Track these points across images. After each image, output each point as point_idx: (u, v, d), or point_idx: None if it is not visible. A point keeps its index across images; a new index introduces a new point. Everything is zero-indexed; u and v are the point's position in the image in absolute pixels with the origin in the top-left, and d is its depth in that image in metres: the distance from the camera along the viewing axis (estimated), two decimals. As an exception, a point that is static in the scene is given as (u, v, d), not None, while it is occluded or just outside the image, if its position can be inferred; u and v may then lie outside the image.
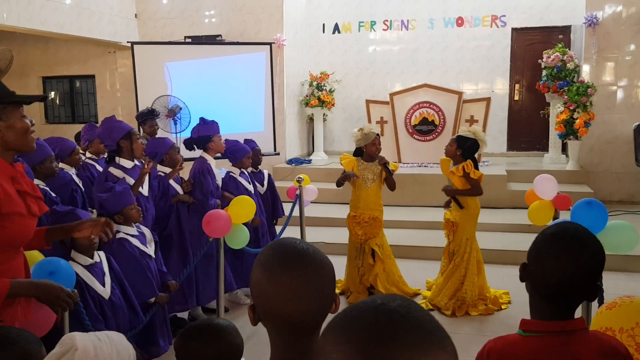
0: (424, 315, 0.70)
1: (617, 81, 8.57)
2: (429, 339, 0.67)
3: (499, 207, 7.72)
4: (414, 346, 0.66)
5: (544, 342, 1.47)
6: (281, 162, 9.57)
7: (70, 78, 11.23)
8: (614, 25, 8.43)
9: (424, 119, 8.90)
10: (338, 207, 8.16)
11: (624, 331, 1.65)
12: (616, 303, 1.73)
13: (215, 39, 9.37)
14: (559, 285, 1.46)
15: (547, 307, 1.50)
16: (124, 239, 3.68)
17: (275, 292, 1.13)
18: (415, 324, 0.68)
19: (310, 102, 9.96)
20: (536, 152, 10.04)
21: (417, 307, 0.72)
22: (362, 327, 0.68)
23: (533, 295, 1.54)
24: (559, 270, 1.45)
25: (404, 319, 0.68)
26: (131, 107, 8.68)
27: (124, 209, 3.69)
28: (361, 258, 5.18)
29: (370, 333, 0.67)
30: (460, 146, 4.85)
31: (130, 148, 4.07)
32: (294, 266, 1.14)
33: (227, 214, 3.89)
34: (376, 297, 0.73)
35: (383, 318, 0.68)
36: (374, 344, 0.66)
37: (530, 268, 1.53)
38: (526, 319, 1.53)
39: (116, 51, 10.34)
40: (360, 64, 11.03)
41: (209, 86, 8.42)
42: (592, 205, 3.22)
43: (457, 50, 10.53)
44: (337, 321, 0.71)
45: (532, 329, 1.50)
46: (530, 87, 9.93)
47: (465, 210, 4.87)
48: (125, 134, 4.04)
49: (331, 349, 0.69)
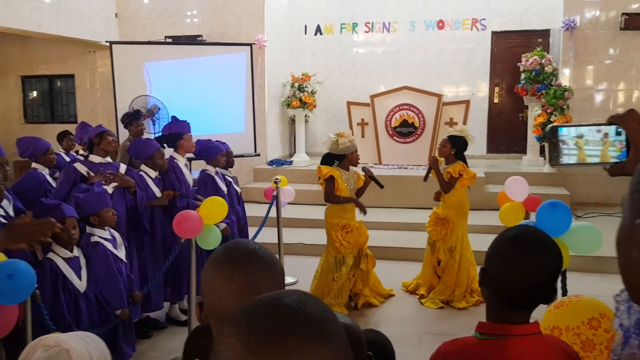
0: (317, 311, 0.70)
1: (594, 85, 8.67)
2: (315, 333, 0.67)
3: (477, 209, 7.75)
4: (298, 340, 0.66)
5: (500, 345, 1.45)
6: (262, 163, 9.56)
7: (49, 77, 11.14)
8: (591, 30, 8.54)
9: (404, 121, 8.95)
10: (318, 209, 8.15)
11: (570, 329, 1.68)
12: (564, 302, 1.75)
13: (196, 39, 9.35)
14: (522, 290, 1.45)
15: (505, 311, 1.49)
16: (98, 242, 3.65)
17: (222, 289, 1.14)
18: (305, 318, 0.68)
19: (292, 104, 9.97)
20: (515, 154, 10.12)
21: (314, 302, 0.72)
22: (250, 320, 0.68)
23: (492, 299, 1.53)
24: (523, 275, 1.44)
25: (295, 313, 0.68)
26: (111, 107, 8.63)
27: (100, 210, 3.67)
28: (354, 267, 5.00)
29: (256, 326, 0.67)
30: (454, 145, 5.09)
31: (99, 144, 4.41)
32: (242, 264, 1.15)
33: (199, 215, 3.88)
34: (275, 292, 0.73)
35: (273, 312, 0.68)
36: (257, 338, 0.66)
37: (492, 272, 1.50)
38: (483, 322, 1.51)
39: (96, 51, 10.27)
40: (342, 65, 11.05)
41: (189, 86, 8.39)
42: (556, 207, 3.26)
43: (438, 52, 10.59)
44: (234, 315, 0.72)
45: (488, 331, 1.48)
46: (510, 90, 10.00)
47: (458, 209, 5.12)
48: (98, 132, 4.33)
49: (220, 340, 0.69)
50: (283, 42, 10.55)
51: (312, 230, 7.40)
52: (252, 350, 0.66)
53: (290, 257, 6.31)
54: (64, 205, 3.38)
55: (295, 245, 6.78)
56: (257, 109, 9.05)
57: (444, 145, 5.09)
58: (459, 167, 5.04)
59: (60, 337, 1.49)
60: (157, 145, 4.72)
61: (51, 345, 1.46)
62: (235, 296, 1.12)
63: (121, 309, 3.62)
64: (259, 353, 0.65)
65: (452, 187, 5.04)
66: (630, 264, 0.75)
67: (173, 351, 4.25)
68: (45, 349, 1.45)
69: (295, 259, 6.45)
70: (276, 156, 10.14)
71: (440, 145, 5.14)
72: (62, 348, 1.44)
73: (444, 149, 5.09)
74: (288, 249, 6.28)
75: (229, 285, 1.13)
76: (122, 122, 6.21)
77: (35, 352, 1.46)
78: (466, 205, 5.18)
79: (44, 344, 1.47)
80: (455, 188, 5.08)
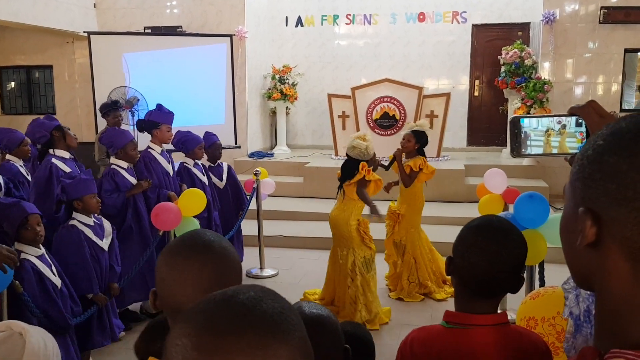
0: (274, 308, 0.67)
1: (574, 78, 8.75)
2: (270, 332, 0.64)
3: (457, 201, 7.82)
4: (253, 340, 0.63)
5: (464, 334, 1.47)
6: (243, 155, 9.52)
7: (27, 68, 10.95)
8: (571, 23, 8.60)
9: (385, 114, 8.95)
10: (299, 201, 8.18)
11: (546, 320, 1.68)
12: (540, 293, 1.76)
13: (176, 30, 9.24)
14: (484, 277, 1.47)
15: (471, 300, 1.51)
16: (74, 225, 3.64)
17: (170, 279, 1.12)
18: (260, 316, 0.65)
19: (273, 96, 9.92)
20: (495, 147, 10.19)
21: (271, 298, 0.69)
22: (202, 319, 0.65)
23: (458, 288, 1.55)
24: (484, 262, 1.46)
25: (249, 311, 0.65)
26: (90, 98, 8.51)
27: (84, 195, 3.66)
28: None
29: (208, 326, 0.64)
30: (418, 141, 5.11)
31: (64, 139, 4.32)
32: (192, 255, 1.12)
33: (177, 207, 3.84)
34: (230, 289, 0.70)
35: (226, 311, 0.65)
36: (209, 338, 0.63)
37: (457, 261, 1.53)
38: (450, 311, 1.53)
39: (74, 41, 10.12)
40: (323, 57, 11.01)
41: (168, 78, 8.31)
42: (534, 199, 3.28)
43: (419, 45, 10.59)
44: (185, 313, 0.68)
45: (454, 320, 1.50)
46: (490, 83, 10.06)
47: (412, 204, 5.14)
48: (55, 126, 4.25)
49: (172, 342, 0.65)
50: (264, 34, 10.48)
51: (292, 222, 7.40)
52: (204, 352, 0.63)
53: (271, 250, 6.29)
54: (23, 203, 3.32)
55: (276, 237, 6.76)
56: (238, 101, 8.99)
57: (409, 140, 5.12)
58: (420, 161, 5.06)
59: (12, 322, 1.45)
60: (130, 136, 4.69)
61: (1, 330, 1.42)
62: (182, 287, 1.10)
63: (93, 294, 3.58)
64: (210, 354, 0.62)
65: (412, 181, 5.08)
66: (575, 252, 0.76)
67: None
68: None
69: (276, 251, 6.44)
70: (257, 148, 10.09)
71: (405, 141, 5.14)
72: (14, 331, 1.41)
73: (409, 144, 5.12)
74: (268, 241, 6.27)
75: (176, 275, 1.11)
76: (100, 112, 6.19)
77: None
78: (421, 200, 5.21)
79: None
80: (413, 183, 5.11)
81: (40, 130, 4.32)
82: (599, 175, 0.70)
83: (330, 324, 1.43)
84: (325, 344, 1.42)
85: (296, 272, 5.89)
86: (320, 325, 1.41)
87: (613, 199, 0.69)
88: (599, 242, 0.71)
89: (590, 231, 0.71)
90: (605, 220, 0.70)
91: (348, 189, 4.55)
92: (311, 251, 6.55)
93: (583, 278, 0.79)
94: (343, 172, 4.64)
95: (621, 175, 0.68)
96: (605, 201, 0.70)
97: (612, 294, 0.72)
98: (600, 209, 0.70)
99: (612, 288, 0.72)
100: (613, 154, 0.69)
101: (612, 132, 0.71)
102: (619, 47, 8.58)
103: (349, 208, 4.62)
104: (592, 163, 0.72)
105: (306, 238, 6.82)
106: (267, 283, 5.60)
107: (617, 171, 0.68)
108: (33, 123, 4.45)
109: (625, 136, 0.70)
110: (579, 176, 0.74)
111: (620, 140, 0.70)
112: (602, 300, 0.74)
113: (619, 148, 0.69)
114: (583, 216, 0.71)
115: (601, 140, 0.72)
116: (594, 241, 0.71)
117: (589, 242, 0.71)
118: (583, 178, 0.73)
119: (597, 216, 0.70)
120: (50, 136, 4.30)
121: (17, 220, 3.18)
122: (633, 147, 0.68)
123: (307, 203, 8.08)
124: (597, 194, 0.70)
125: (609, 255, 0.71)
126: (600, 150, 0.71)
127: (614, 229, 0.69)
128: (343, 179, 4.61)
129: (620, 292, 0.71)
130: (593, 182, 0.71)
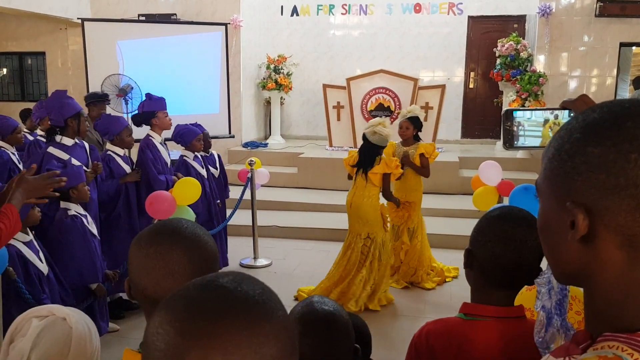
0: (255, 288, 0.67)
1: (568, 71, 8.76)
2: (254, 312, 0.64)
3: (451, 193, 7.84)
4: (237, 320, 0.63)
5: (483, 326, 1.45)
6: (237, 145, 9.48)
7: (19, 54, 10.85)
8: (567, 16, 8.60)
9: (380, 105, 8.94)
10: (292, 191, 8.17)
11: (541, 311, 1.68)
12: (536, 284, 1.76)
13: (170, 17, 9.17)
14: (509, 267, 1.43)
15: (490, 292, 1.47)
16: (76, 217, 3.62)
17: (139, 265, 1.11)
18: (242, 297, 0.65)
19: (268, 85, 9.88)
20: (489, 139, 10.20)
21: (250, 280, 0.69)
22: (184, 305, 0.64)
23: (477, 280, 1.51)
24: (510, 251, 1.42)
25: (231, 293, 0.65)
26: (83, 85, 8.44)
27: (79, 184, 3.64)
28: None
29: (191, 311, 0.64)
30: (415, 127, 5.16)
31: (77, 129, 4.07)
32: (160, 242, 1.10)
33: (171, 196, 3.83)
34: (209, 275, 0.70)
35: (207, 295, 0.65)
36: (194, 322, 0.62)
37: (477, 252, 1.48)
38: (468, 303, 1.50)
39: (67, 28, 10.02)
40: (318, 47, 10.97)
41: (162, 66, 8.24)
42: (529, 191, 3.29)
43: (415, 36, 10.57)
44: (164, 301, 0.68)
45: (473, 312, 1.47)
46: (485, 75, 10.05)
47: (418, 189, 5.20)
48: (74, 114, 4.04)
49: (153, 331, 0.64)
50: (259, 23, 10.41)
51: (286, 213, 7.39)
52: (189, 336, 0.62)
53: (265, 240, 6.29)
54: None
55: (270, 227, 6.75)
56: (232, 90, 8.94)
57: (407, 128, 5.14)
58: (430, 148, 5.12)
59: (53, 306, 1.45)
60: (125, 122, 4.67)
61: (44, 315, 1.41)
62: (149, 274, 1.09)
63: (97, 284, 3.57)
64: (196, 338, 0.62)
65: (429, 169, 5.10)
66: (561, 248, 0.76)
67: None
68: (39, 319, 1.40)
69: (270, 241, 6.44)
70: (251, 138, 10.06)
71: (403, 129, 5.14)
72: (57, 317, 1.41)
73: (407, 131, 5.14)
74: (262, 231, 6.26)
75: (144, 262, 1.10)
76: (86, 100, 5.84)
77: (27, 324, 1.41)
78: (422, 186, 5.27)
79: (36, 314, 1.42)
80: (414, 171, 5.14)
81: (58, 115, 3.98)
82: (584, 167, 0.71)
83: (343, 321, 1.41)
84: (337, 341, 1.40)
85: (290, 263, 5.89)
86: (333, 322, 1.40)
87: (604, 188, 0.69)
88: (591, 234, 0.71)
89: (583, 224, 0.71)
90: (597, 211, 0.70)
91: (375, 177, 4.60)
92: (305, 241, 6.55)
93: (571, 274, 0.78)
94: (362, 156, 4.65)
95: (609, 165, 0.69)
96: (595, 192, 0.70)
97: (607, 283, 0.73)
98: (590, 200, 0.71)
99: (607, 278, 0.72)
100: (597, 145, 0.70)
101: (587, 124, 0.72)
102: (614, 40, 8.59)
103: (373, 193, 4.66)
104: (574, 156, 0.72)
105: (300, 228, 6.82)
106: (261, 273, 5.59)
107: (605, 161, 0.69)
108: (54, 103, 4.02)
109: (603, 125, 0.71)
110: (560, 171, 0.74)
111: (599, 131, 0.71)
112: (594, 290, 0.75)
113: (601, 138, 0.70)
114: (573, 210, 0.71)
115: (578, 133, 0.72)
116: (586, 234, 0.71)
117: (582, 235, 0.72)
118: (565, 173, 0.73)
119: (588, 208, 0.71)
120: (65, 123, 3.99)
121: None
122: (615, 136, 0.69)
123: (302, 193, 8.08)
124: (585, 186, 0.71)
125: (603, 246, 0.71)
126: (580, 144, 0.72)
127: (607, 219, 0.70)
128: (364, 163, 4.63)
129: (615, 281, 0.72)
130: (579, 175, 0.71)
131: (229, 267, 5.65)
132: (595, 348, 0.72)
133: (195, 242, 1.12)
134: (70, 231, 3.55)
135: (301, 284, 5.12)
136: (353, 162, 4.71)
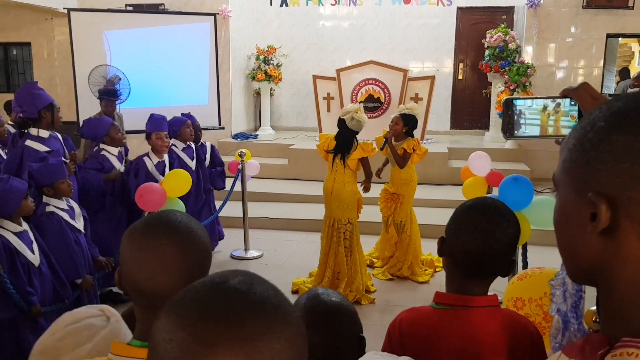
0: (267, 290, 0.66)
1: (556, 62, 8.81)
2: (273, 314, 0.63)
3: (440, 184, 7.87)
4: (257, 323, 0.61)
5: (454, 315, 1.46)
6: (226, 136, 9.45)
7: (4, 45, 10.72)
8: (555, 7, 8.63)
9: (370, 96, 8.94)
10: (283, 183, 8.17)
11: (533, 301, 1.70)
12: (527, 274, 1.78)
13: (158, 7, 9.10)
14: (476, 256, 1.44)
15: (462, 281, 1.49)
16: (53, 212, 3.56)
17: (130, 257, 1.10)
18: (258, 299, 0.63)
19: (257, 76, 9.84)
20: (478, 130, 10.24)
21: (261, 281, 0.68)
22: (197, 309, 0.62)
23: (450, 268, 1.53)
24: (477, 240, 1.44)
25: (245, 296, 0.63)
26: (70, 76, 8.35)
27: (54, 182, 3.57)
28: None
29: (207, 316, 0.61)
30: (406, 124, 5.16)
31: (51, 120, 4.05)
32: (153, 235, 1.09)
33: (162, 188, 3.82)
34: (215, 275, 0.67)
35: (221, 298, 0.62)
36: (211, 327, 0.60)
37: (450, 240, 1.50)
38: (440, 292, 1.52)
39: (53, 18, 9.91)
40: (308, 38, 10.93)
41: (150, 57, 8.17)
42: (518, 181, 3.31)
43: (404, 27, 10.56)
44: (171, 305, 0.65)
45: (444, 301, 1.49)
46: (474, 66, 10.07)
47: (411, 184, 5.22)
48: (47, 105, 4.01)
49: (164, 338, 0.62)
50: (248, 13, 10.35)
51: (277, 204, 7.39)
52: (207, 343, 0.59)
53: (255, 231, 6.29)
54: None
55: (260, 219, 6.75)
56: (222, 81, 8.89)
57: (397, 124, 5.16)
58: (413, 143, 5.13)
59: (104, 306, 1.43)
60: (110, 120, 4.65)
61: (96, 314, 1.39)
62: (140, 267, 1.08)
63: (81, 278, 3.55)
64: (215, 344, 0.59)
65: (406, 162, 5.13)
66: (579, 242, 0.73)
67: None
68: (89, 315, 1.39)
69: (260, 232, 6.44)
70: (241, 129, 10.03)
71: (392, 124, 5.18)
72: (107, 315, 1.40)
73: (397, 127, 5.16)
74: (253, 222, 6.26)
75: (136, 254, 1.09)
76: (100, 92, 6.12)
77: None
78: (415, 180, 5.30)
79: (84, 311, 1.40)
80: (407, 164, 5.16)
81: (30, 107, 3.97)
82: (609, 156, 0.68)
83: (349, 313, 1.42)
84: (344, 332, 1.41)
85: (281, 254, 5.90)
86: (339, 314, 1.40)
87: (629, 177, 0.66)
88: (613, 227, 0.68)
89: (605, 215, 0.67)
90: (621, 201, 0.67)
91: (352, 163, 4.64)
92: (296, 233, 6.56)
93: (587, 269, 0.74)
94: (339, 142, 4.66)
95: (635, 153, 0.66)
96: (618, 182, 0.67)
97: (628, 280, 0.69)
98: (613, 190, 0.67)
99: (628, 274, 0.68)
100: (622, 133, 0.67)
101: (612, 113, 0.69)
102: (601, 32, 8.64)
103: (352, 179, 4.70)
104: (597, 145, 0.69)
105: (291, 219, 6.83)
106: (252, 264, 5.60)
107: (630, 149, 0.66)
108: (24, 94, 4.02)
109: (629, 114, 0.68)
110: (582, 161, 0.71)
111: (625, 119, 0.68)
112: (612, 289, 0.71)
113: (626, 126, 0.67)
114: (595, 201, 0.68)
115: (602, 122, 0.70)
116: (608, 226, 0.68)
117: (604, 228, 0.68)
118: (587, 162, 0.70)
119: (611, 198, 0.67)
120: (38, 115, 3.99)
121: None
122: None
123: (292, 185, 8.08)
124: (608, 176, 0.68)
125: (625, 239, 0.68)
126: (605, 132, 0.69)
127: (631, 209, 0.66)
128: (340, 149, 4.64)
129: (637, 278, 0.68)
130: (602, 164, 0.68)
131: (221, 260, 5.66)
132: (614, 355, 0.66)
133: (189, 236, 1.11)
134: (45, 228, 3.47)
135: (293, 275, 5.14)
136: (328, 148, 4.71)
